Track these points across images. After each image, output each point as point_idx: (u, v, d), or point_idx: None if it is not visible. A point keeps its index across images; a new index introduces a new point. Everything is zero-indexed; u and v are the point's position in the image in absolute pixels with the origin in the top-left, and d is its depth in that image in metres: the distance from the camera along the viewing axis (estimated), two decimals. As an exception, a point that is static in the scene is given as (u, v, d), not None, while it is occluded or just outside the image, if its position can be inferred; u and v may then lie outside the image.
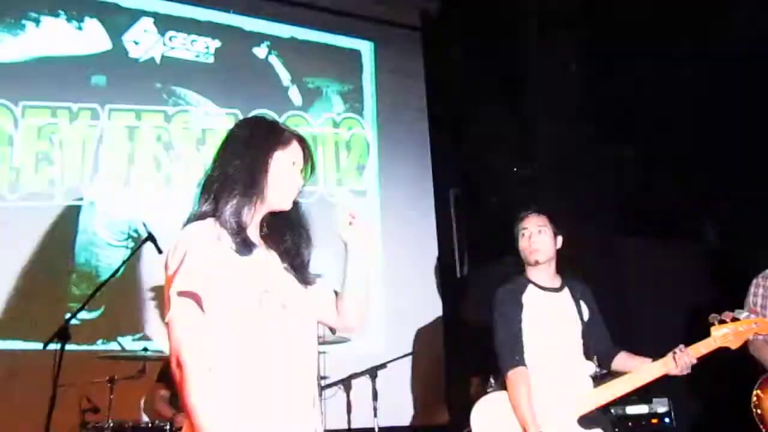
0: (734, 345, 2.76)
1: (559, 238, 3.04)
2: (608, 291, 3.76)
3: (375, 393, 4.61)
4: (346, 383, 4.66)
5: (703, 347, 2.75)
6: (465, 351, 3.06)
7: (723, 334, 2.75)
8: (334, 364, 4.49)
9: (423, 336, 5.63)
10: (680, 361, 2.72)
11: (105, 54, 5.43)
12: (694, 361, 2.73)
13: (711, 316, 2.78)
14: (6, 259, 4.91)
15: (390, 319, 5.59)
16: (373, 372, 4.65)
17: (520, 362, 2.75)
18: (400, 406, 5.35)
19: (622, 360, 2.92)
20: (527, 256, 3.01)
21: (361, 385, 4.68)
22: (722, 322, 2.76)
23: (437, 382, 5.67)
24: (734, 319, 2.76)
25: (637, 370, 2.79)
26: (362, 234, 1.89)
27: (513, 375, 2.73)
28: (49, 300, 4.85)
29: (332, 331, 2.41)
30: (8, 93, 5.12)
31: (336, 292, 1.94)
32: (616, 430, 3.87)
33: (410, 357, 4.88)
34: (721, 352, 2.78)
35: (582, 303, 3.00)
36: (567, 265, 3.06)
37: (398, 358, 4.84)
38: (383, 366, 4.72)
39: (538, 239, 2.99)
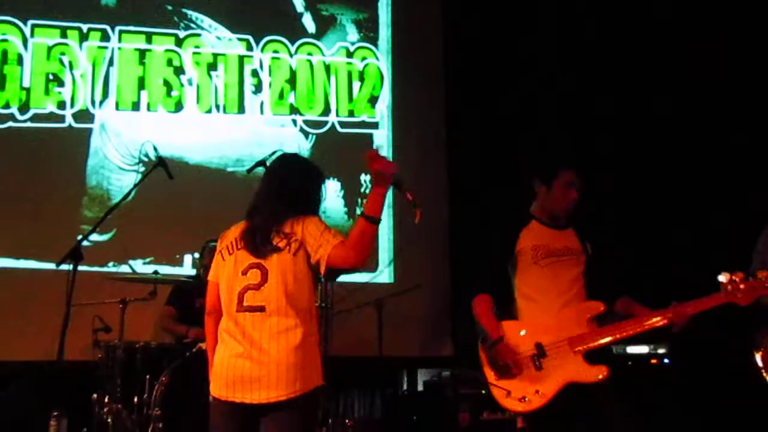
0: (744, 301, 2.71)
1: None
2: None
3: (380, 323, 4.69)
4: (352, 313, 4.73)
5: (712, 301, 2.74)
6: (471, 284, 3.09)
7: (732, 290, 2.71)
8: (341, 294, 4.55)
9: (430, 268, 5.66)
10: (679, 312, 2.74)
11: (115, -28, 5.30)
12: (690, 314, 2.74)
13: (723, 274, 2.74)
14: (18, 180, 4.94)
15: (399, 251, 5.62)
16: (379, 303, 4.72)
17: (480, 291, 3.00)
18: (406, 338, 5.44)
19: (623, 304, 2.93)
20: (563, 207, 2.96)
21: (368, 315, 4.76)
22: (733, 281, 2.72)
23: (443, 314, 5.74)
24: (746, 277, 2.71)
25: (639, 317, 2.81)
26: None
27: (474, 301, 2.98)
28: (61, 222, 4.90)
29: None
30: (17, 10, 5.02)
31: None
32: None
33: (417, 289, 4.93)
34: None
35: (587, 243, 3.01)
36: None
37: (405, 291, 4.89)
38: (390, 297, 4.78)
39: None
